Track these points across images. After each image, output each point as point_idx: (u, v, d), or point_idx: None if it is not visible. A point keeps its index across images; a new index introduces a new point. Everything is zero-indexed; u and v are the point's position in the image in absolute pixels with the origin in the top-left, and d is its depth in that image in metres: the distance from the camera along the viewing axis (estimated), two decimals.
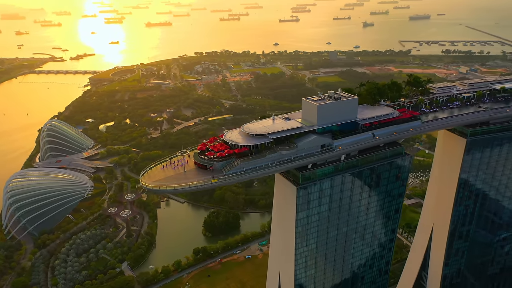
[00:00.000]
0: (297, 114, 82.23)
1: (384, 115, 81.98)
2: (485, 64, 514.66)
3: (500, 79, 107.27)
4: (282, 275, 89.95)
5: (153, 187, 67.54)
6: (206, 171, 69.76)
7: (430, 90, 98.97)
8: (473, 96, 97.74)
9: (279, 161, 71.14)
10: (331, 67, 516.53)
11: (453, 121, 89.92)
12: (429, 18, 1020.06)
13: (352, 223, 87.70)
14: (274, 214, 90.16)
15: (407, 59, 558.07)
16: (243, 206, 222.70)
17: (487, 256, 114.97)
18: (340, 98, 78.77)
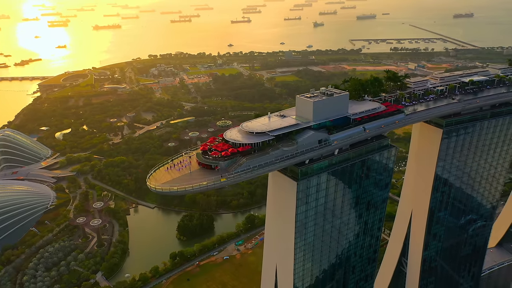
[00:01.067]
0: (290, 112, 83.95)
1: (372, 109, 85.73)
2: (431, 60, 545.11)
3: (467, 73, 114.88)
4: (279, 267, 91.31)
5: (163, 190, 66.69)
6: (211, 171, 69.72)
7: (407, 84, 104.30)
8: (446, 89, 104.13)
9: (282, 157, 72.57)
10: (287, 67, 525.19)
11: (432, 112, 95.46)
12: (375, 18, 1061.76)
13: (345, 214, 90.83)
14: (270, 210, 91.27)
15: (359, 57, 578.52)
16: (215, 207, 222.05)
17: (461, 238, 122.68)
18: (333, 94, 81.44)
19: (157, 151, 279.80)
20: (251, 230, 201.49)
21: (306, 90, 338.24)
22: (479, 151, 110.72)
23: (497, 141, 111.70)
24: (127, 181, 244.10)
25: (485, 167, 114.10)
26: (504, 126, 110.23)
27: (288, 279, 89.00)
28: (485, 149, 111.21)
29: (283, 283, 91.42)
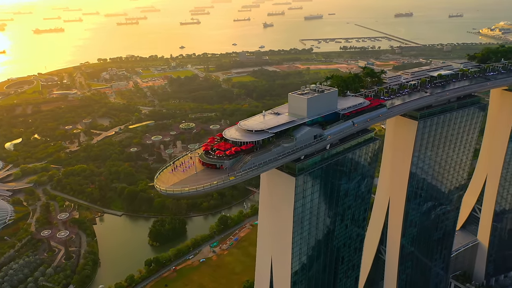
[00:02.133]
0: (282, 109, 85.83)
1: (358, 104, 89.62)
2: (379, 58, 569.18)
3: (434, 67, 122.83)
4: (275, 261, 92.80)
5: (174, 191, 66.03)
6: (216, 171, 69.99)
7: (383, 80, 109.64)
8: (418, 83, 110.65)
9: (284, 153, 74.21)
10: (242, 67, 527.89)
11: (410, 105, 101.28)
12: (321, 18, 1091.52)
13: (336, 206, 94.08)
14: (263, 206, 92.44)
15: (310, 56, 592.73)
16: (186, 211, 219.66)
17: (433, 224, 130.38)
18: (324, 91, 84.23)
19: (118, 157, 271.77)
20: (224, 231, 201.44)
21: (264, 90, 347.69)
22: (448, 141, 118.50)
23: (463, 130, 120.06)
24: (91, 189, 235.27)
25: (453, 156, 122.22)
26: (469, 116, 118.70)
27: (285, 271, 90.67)
28: (453, 139, 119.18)
29: (279, 275, 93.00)
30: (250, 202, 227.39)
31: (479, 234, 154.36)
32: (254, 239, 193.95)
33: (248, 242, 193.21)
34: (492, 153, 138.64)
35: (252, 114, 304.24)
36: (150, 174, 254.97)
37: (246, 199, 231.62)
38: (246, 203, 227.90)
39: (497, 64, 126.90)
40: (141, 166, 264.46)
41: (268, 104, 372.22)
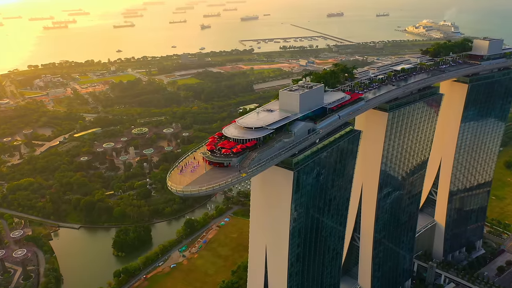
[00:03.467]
0: (272, 106, 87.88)
1: (341, 98, 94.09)
2: (318, 56, 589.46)
3: (396, 62, 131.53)
4: (270, 256, 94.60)
5: (192, 192, 65.44)
6: (224, 169, 70.44)
7: (355, 75, 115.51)
8: (385, 77, 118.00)
9: (286, 148, 76.32)
10: (185, 70, 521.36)
11: (383, 98, 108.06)
12: (257, 19, 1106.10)
13: (324, 197, 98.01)
14: (256, 201, 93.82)
15: (252, 56, 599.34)
16: (148, 218, 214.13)
17: (401, 208, 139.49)
18: (312, 87, 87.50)
19: (68, 167, 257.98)
20: (192, 234, 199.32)
21: (211, 92, 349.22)
22: (413, 130, 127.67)
23: (424, 119, 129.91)
24: (42, 203, 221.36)
25: (417, 143, 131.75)
26: (428, 107, 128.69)
27: (281, 265, 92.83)
28: (416, 128, 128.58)
29: (275, 270, 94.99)
30: (213, 204, 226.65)
31: (436, 215, 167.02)
32: (222, 240, 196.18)
33: (217, 243, 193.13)
34: (446, 139, 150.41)
35: (204, 116, 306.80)
36: (105, 183, 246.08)
37: (208, 201, 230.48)
38: (209, 205, 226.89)
39: (447, 58, 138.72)
40: (93, 175, 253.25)
41: (218, 105, 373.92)
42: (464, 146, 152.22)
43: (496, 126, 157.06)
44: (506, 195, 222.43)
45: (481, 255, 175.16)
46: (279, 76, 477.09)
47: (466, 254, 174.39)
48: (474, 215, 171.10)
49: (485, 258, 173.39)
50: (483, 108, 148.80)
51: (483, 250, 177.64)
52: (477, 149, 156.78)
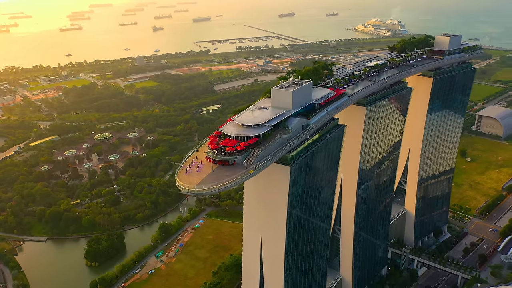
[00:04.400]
0: (264, 103, 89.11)
1: (327, 94, 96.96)
2: (274, 56, 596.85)
3: (368, 58, 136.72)
4: (266, 251, 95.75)
5: (205, 190, 65.12)
6: (230, 167, 70.81)
7: (333, 72, 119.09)
8: (361, 73, 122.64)
9: (285, 144, 77.75)
10: (142, 73, 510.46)
11: (363, 93, 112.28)
12: (210, 20, 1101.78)
13: (315, 192, 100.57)
14: (251, 197, 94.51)
15: (209, 58, 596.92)
16: (120, 225, 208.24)
17: (377, 198, 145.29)
18: (302, 84, 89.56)
19: (27, 178, 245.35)
20: (167, 239, 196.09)
21: (172, 94, 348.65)
22: (387, 123, 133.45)
23: (396, 112, 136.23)
24: (3, 217, 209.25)
25: (391, 136, 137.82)
26: (400, 100, 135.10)
27: (279, 255, 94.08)
28: (390, 120, 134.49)
29: (271, 266, 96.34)
30: (185, 207, 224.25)
31: (406, 204, 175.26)
32: (199, 242, 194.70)
33: (194, 246, 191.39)
34: (414, 130, 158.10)
35: (167, 119, 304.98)
36: (69, 192, 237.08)
37: (180, 205, 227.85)
38: (181, 208, 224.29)
39: (413, 53, 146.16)
40: (56, 184, 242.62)
41: (180, 108, 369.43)
42: (430, 136, 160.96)
43: (457, 117, 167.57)
44: (463, 181, 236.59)
45: (447, 238, 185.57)
46: (238, 77, 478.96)
47: (434, 239, 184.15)
48: (440, 201, 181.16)
49: (451, 242, 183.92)
50: (445, 100, 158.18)
51: (449, 234, 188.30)
52: (441, 139, 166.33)
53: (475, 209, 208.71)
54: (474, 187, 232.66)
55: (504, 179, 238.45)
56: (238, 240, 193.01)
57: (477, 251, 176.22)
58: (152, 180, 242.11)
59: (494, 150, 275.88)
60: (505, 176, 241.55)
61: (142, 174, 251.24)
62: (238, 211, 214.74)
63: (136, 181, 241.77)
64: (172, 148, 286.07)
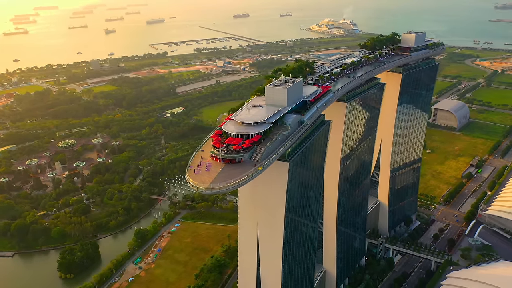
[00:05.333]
0: (257, 101, 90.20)
1: (316, 91, 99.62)
2: (233, 57, 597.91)
3: (343, 57, 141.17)
4: (263, 249, 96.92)
5: (220, 189, 65.08)
6: (238, 164, 71.44)
7: (315, 70, 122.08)
8: (340, 70, 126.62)
9: (287, 140, 79.24)
10: (98, 77, 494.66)
11: (345, 89, 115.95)
12: (163, 22, 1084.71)
13: (307, 187, 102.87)
14: (246, 195, 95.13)
15: (167, 60, 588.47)
16: (92, 234, 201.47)
17: (355, 191, 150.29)
18: (294, 81, 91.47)
19: None
20: (144, 244, 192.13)
21: (133, 98, 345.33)
22: (364, 118, 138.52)
23: (372, 107, 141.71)
24: None
25: (367, 130, 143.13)
26: (375, 96, 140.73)
27: (276, 255, 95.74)
28: (366, 115, 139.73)
29: (268, 259, 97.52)
30: (159, 211, 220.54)
31: (379, 195, 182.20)
32: (177, 246, 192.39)
33: (172, 250, 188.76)
34: (385, 123, 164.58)
35: (131, 124, 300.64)
36: (34, 203, 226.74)
37: (153, 209, 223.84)
38: (155, 213, 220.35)
39: (383, 51, 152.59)
40: (19, 196, 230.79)
41: (142, 111, 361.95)
42: (400, 129, 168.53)
43: (423, 109, 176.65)
44: (426, 171, 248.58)
45: (417, 226, 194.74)
46: (199, 78, 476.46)
47: (406, 227, 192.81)
48: (410, 191, 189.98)
49: (421, 229, 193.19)
50: (413, 94, 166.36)
51: (418, 222, 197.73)
52: (410, 130, 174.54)
53: (439, 197, 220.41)
54: (436, 176, 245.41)
55: (462, 167, 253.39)
56: (216, 241, 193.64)
57: (445, 236, 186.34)
58: (122, 186, 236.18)
59: (450, 141, 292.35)
60: (462, 165, 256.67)
61: (110, 180, 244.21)
62: (214, 213, 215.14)
63: (105, 188, 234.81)
64: (139, 153, 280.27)
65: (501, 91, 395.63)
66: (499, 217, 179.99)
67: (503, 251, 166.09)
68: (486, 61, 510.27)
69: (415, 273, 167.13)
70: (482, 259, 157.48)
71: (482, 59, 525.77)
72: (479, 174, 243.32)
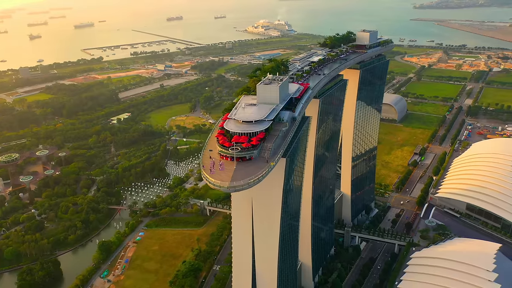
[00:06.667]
0: (247, 100, 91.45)
1: (299, 88, 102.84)
2: (173, 60, 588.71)
3: (309, 55, 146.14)
4: (259, 249, 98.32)
5: (243, 186, 65.27)
6: (248, 162, 72.24)
7: (288, 68, 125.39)
8: (310, 68, 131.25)
9: (287, 136, 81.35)
10: (30, 85, 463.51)
11: (320, 85, 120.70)
12: (93, 26, 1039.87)
13: (296, 182, 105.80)
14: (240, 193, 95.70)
15: (104, 65, 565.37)
16: (50, 251, 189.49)
17: (326, 185, 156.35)
18: (282, 79, 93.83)
19: None
20: (109, 257, 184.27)
21: (73, 106, 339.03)
22: (332, 114, 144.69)
23: (338, 103, 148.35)
24: None
25: (334, 125, 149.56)
26: (340, 91, 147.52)
27: (272, 252, 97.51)
28: (334, 111, 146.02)
29: (264, 256, 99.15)
30: (120, 221, 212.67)
31: (342, 187, 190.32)
32: (145, 255, 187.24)
33: (141, 259, 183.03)
34: (346, 117, 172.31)
35: (75, 133, 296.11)
36: None
37: (112, 220, 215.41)
38: (116, 223, 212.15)
39: (342, 49, 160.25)
40: None
41: (85, 119, 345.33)
42: (359, 122, 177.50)
43: (378, 102, 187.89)
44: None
45: (376, 213, 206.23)
46: (141, 83, 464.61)
47: (366, 216, 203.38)
48: (368, 180, 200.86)
49: (380, 216, 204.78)
50: (369, 89, 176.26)
51: (376, 209, 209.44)
52: (367, 122, 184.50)
53: (391, 185, 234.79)
54: (385, 166, 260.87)
55: (407, 156, 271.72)
56: (185, 246, 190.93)
57: (402, 221, 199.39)
58: (76, 198, 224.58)
59: (393, 133, 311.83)
60: (407, 154, 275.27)
61: (62, 193, 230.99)
62: (178, 218, 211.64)
63: (58, 201, 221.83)
64: (89, 163, 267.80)
65: (431, 84, 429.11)
66: (448, 198, 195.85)
67: (455, 229, 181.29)
68: (414, 57, 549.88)
69: (380, 257, 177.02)
70: (439, 238, 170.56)
71: (409, 55, 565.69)
72: (423, 161, 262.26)
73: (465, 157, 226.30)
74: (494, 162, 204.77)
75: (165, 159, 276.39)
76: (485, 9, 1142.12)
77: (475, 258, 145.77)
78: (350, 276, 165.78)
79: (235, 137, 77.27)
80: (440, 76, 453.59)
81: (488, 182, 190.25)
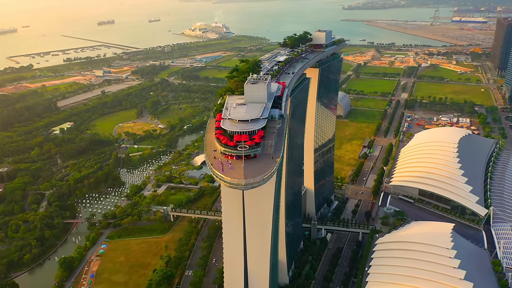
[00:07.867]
0: (234, 100, 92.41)
1: (279, 87, 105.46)
2: (111, 65, 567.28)
3: (274, 55, 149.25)
4: (251, 244, 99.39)
5: (259, 182, 65.82)
6: (254, 159, 73.24)
7: (260, 68, 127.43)
8: (279, 68, 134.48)
9: (283, 132, 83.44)
10: None
11: (292, 84, 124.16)
12: (16, 31, 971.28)
13: (280, 179, 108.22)
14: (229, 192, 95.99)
15: (35, 73, 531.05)
16: (5, 273, 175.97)
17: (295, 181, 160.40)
18: (266, 78, 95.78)
19: None
20: (72, 273, 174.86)
21: (7, 118, 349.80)
22: (300, 111, 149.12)
23: (304, 100, 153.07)
24: None
25: (301, 122, 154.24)
26: (305, 89, 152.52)
27: (264, 249, 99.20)
28: (301, 108, 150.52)
29: (256, 253, 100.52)
30: (78, 235, 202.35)
31: (306, 182, 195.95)
32: (111, 267, 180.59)
33: (107, 273, 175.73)
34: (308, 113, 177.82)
35: (14, 146, 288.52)
36: None
37: (69, 235, 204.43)
38: (74, 237, 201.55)
39: (302, 48, 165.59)
40: None
41: (24, 131, 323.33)
42: (319, 117, 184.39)
43: (334, 98, 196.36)
44: None
45: (336, 205, 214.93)
46: (79, 90, 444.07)
47: (328, 208, 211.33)
48: (328, 174, 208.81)
49: (340, 207, 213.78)
50: (326, 86, 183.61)
51: (336, 201, 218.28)
52: (325, 118, 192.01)
53: (347, 177, 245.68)
54: (338, 160, 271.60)
55: (357, 149, 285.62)
56: (152, 254, 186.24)
57: (361, 210, 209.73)
58: (27, 216, 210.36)
59: (340, 128, 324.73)
60: (356, 147, 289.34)
61: (9, 211, 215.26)
62: (142, 226, 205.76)
63: (6, 220, 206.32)
64: (35, 176, 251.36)
65: (369, 81, 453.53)
66: (402, 186, 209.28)
67: (411, 213, 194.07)
68: (349, 56, 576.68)
69: (346, 246, 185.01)
70: (399, 223, 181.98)
71: (345, 54, 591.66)
72: (372, 153, 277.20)
73: (410, 147, 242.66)
74: (437, 149, 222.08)
75: (117, 167, 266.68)
76: (407, 10, 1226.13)
77: (434, 238, 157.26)
78: (321, 267, 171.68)
79: (236, 136, 77.97)
80: (376, 73, 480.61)
81: (436, 168, 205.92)
